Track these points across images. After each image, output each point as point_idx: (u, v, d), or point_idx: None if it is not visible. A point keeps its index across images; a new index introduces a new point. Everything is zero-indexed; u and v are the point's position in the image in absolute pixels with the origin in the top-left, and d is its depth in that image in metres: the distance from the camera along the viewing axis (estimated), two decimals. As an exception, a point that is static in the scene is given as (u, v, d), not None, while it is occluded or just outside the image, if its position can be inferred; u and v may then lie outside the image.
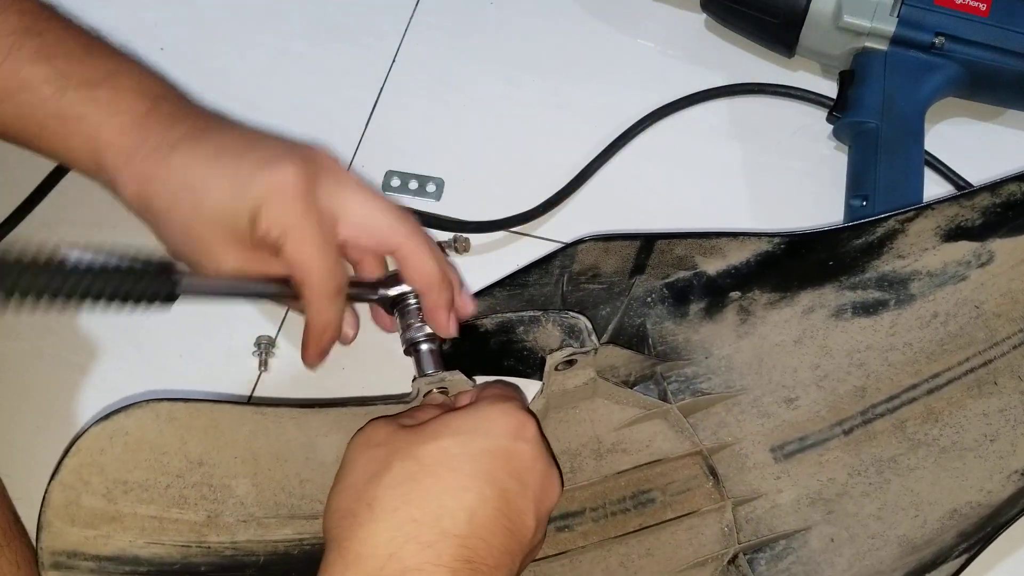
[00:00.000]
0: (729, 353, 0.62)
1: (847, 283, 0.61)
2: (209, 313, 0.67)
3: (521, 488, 0.49)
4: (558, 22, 0.80)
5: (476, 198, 0.72)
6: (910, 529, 0.58)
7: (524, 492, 0.50)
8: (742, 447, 0.61)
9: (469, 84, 0.77)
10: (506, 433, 0.50)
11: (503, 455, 0.49)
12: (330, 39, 0.78)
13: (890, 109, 0.70)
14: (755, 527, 0.60)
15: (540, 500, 0.50)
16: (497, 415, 0.51)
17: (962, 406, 0.60)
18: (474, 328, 0.61)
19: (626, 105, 0.76)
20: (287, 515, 0.56)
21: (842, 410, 0.61)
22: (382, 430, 0.51)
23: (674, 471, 0.61)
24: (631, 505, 0.60)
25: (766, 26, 0.74)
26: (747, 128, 0.76)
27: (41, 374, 0.65)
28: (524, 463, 0.50)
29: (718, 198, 0.73)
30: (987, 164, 0.74)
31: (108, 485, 0.52)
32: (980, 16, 0.70)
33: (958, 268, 0.60)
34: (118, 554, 0.53)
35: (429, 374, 0.57)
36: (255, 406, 0.56)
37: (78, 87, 0.53)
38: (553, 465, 0.52)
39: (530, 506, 0.50)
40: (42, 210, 0.70)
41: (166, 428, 0.54)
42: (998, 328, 0.60)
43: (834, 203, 0.72)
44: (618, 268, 0.60)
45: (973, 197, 0.58)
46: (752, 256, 0.60)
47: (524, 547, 0.50)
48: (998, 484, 0.57)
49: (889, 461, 0.60)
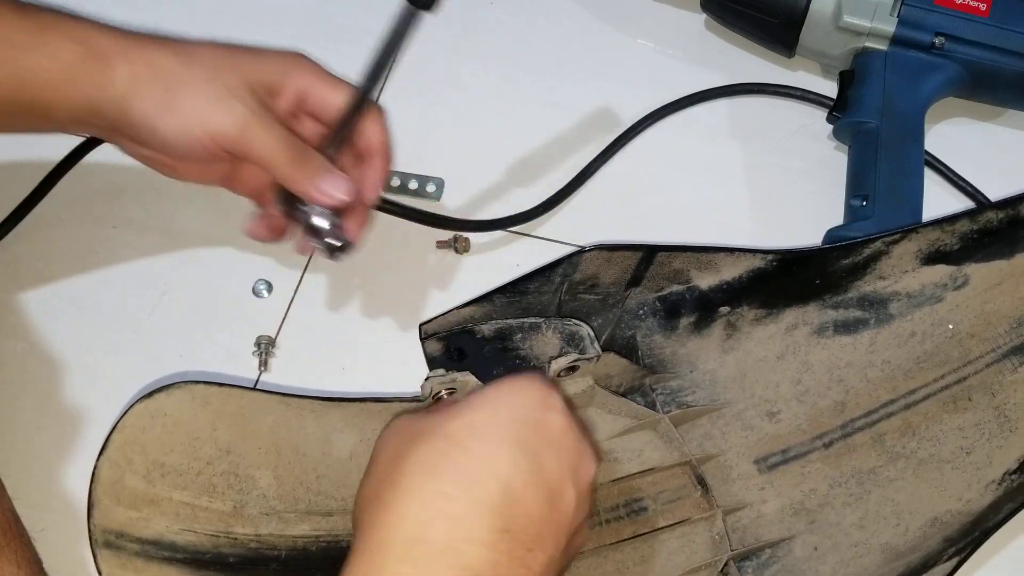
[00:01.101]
0: (714, 367, 0.63)
1: (830, 302, 0.62)
2: (209, 313, 0.68)
3: (557, 456, 0.47)
4: (558, 22, 0.80)
5: (476, 198, 0.72)
6: (893, 537, 0.59)
7: (560, 461, 0.47)
8: (727, 458, 0.63)
9: (469, 84, 0.77)
10: (534, 403, 0.48)
11: (533, 424, 0.47)
12: (330, 39, 0.78)
13: (890, 109, 0.70)
14: (741, 536, 0.61)
15: (576, 471, 0.48)
16: (522, 387, 0.49)
17: (938, 420, 0.61)
18: (471, 334, 0.61)
19: (626, 105, 0.76)
20: (304, 510, 0.57)
21: (823, 424, 0.62)
22: (406, 418, 0.50)
23: (665, 480, 0.62)
24: (624, 513, 0.61)
25: (766, 26, 0.74)
26: (747, 128, 0.76)
27: (41, 374, 0.65)
28: (555, 432, 0.48)
29: (718, 198, 0.73)
30: (987, 164, 0.74)
31: (148, 466, 0.54)
32: (980, 16, 0.70)
33: (935, 290, 0.62)
34: (157, 538, 0.54)
35: (440, 374, 0.57)
36: (280, 395, 0.57)
37: (41, 30, 0.53)
38: (584, 438, 0.49)
39: (567, 476, 0.47)
40: (42, 209, 0.70)
41: (200, 412, 0.55)
42: (972, 348, 0.62)
43: (834, 203, 0.72)
44: (616, 279, 0.60)
45: (954, 222, 0.60)
46: (745, 272, 0.61)
47: (567, 521, 0.47)
48: (976, 493, 0.59)
49: (869, 473, 0.61)
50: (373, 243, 0.70)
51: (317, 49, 0.78)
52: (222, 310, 0.68)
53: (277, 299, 0.68)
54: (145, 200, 0.71)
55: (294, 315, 0.68)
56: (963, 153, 0.74)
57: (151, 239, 0.70)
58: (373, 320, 0.68)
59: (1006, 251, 0.61)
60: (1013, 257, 0.61)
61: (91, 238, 0.70)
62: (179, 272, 0.69)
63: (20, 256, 0.69)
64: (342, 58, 0.77)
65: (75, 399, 0.65)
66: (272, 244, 0.60)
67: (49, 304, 0.67)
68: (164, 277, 0.69)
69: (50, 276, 0.68)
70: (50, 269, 0.68)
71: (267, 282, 0.69)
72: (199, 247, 0.70)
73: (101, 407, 0.63)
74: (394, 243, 0.70)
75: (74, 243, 0.70)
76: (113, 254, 0.69)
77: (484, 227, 0.70)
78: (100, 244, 0.70)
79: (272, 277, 0.69)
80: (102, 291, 0.68)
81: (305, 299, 0.69)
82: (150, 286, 0.68)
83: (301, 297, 0.69)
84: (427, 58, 0.78)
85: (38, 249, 0.69)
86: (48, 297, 0.67)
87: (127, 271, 0.69)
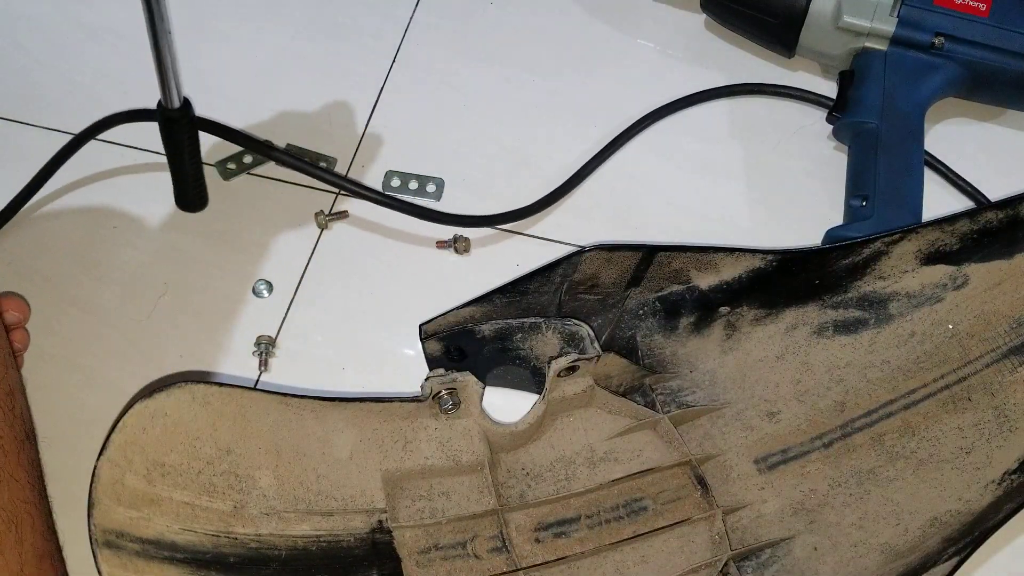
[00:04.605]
0: (713, 367, 0.64)
1: (830, 302, 0.62)
2: (209, 313, 0.68)
3: None
4: (558, 22, 0.80)
5: (476, 198, 0.72)
6: (892, 537, 0.59)
7: None
8: (726, 458, 0.63)
9: (469, 84, 0.77)
10: None
11: None
12: (330, 39, 0.79)
13: (890, 109, 0.70)
14: (741, 536, 0.61)
15: None
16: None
17: (938, 420, 0.61)
18: (471, 334, 0.61)
19: (626, 105, 0.76)
20: (305, 510, 0.58)
21: (822, 424, 0.63)
22: None
23: (664, 480, 0.62)
24: (624, 513, 0.61)
25: (766, 26, 0.74)
26: (747, 128, 0.76)
27: (41, 374, 0.65)
28: None
29: (718, 198, 0.73)
30: (987, 164, 0.74)
31: (148, 466, 0.54)
32: (980, 16, 0.70)
33: (935, 290, 0.62)
34: (157, 538, 0.54)
35: (440, 374, 0.57)
36: (280, 395, 0.57)
37: None
38: None
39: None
40: (42, 209, 0.70)
41: (200, 412, 0.55)
42: (971, 348, 0.62)
43: (834, 203, 0.72)
44: (616, 279, 0.60)
45: (954, 222, 0.60)
46: (744, 272, 0.61)
47: None
48: (976, 493, 0.59)
49: (868, 473, 0.61)
50: (373, 243, 0.70)
51: (317, 49, 0.78)
52: (222, 310, 0.68)
53: (277, 299, 0.69)
54: (145, 200, 0.71)
55: (294, 315, 0.68)
56: (963, 153, 0.74)
57: (151, 239, 0.70)
58: (373, 320, 0.68)
59: (1006, 251, 0.61)
60: (1013, 257, 0.61)
61: (91, 238, 0.70)
62: (179, 272, 0.69)
63: (20, 256, 0.69)
64: (342, 58, 0.78)
65: (75, 399, 0.65)
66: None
67: (49, 304, 0.67)
68: (164, 277, 0.69)
69: (50, 276, 0.68)
70: (50, 269, 0.69)
71: (267, 282, 0.69)
72: (199, 247, 0.70)
73: (101, 407, 0.63)
74: (394, 243, 0.70)
75: (74, 243, 0.70)
76: (113, 254, 0.69)
77: (479, 222, 0.70)
78: (100, 244, 0.70)
79: (272, 277, 0.69)
80: (102, 291, 0.68)
81: (305, 299, 0.69)
82: (150, 286, 0.68)
83: (301, 297, 0.69)
84: (427, 58, 0.78)
85: (38, 249, 0.69)
86: (48, 297, 0.67)
87: (127, 271, 0.69)
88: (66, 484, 0.59)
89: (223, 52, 0.78)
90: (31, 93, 0.75)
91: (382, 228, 0.71)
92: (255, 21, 0.79)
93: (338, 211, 0.71)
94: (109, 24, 0.79)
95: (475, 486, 0.60)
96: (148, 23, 0.56)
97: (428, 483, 0.60)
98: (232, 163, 0.72)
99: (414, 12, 0.80)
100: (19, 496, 0.54)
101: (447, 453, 0.60)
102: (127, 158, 0.73)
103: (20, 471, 0.55)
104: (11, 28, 0.79)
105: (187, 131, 0.63)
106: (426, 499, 0.60)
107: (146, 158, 0.73)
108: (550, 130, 0.75)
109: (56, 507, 0.58)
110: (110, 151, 0.73)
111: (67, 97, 0.75)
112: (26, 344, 0.64)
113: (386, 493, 0.59)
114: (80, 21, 0.79)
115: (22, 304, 0.65)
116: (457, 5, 0.80)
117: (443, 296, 0.66)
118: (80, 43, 0.78)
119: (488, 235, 0.71)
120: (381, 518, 0.59)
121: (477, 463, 0.60)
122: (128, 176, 0.72)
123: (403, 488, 0.60)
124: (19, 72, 0.77)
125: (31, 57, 0.77)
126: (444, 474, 0.60)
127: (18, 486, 0.54)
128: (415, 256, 0.70)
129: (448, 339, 0.62)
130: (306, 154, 0.73)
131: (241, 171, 0.72)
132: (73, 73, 0.76)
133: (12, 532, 0.53)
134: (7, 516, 0.52)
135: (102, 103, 0.72)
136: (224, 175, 0.72)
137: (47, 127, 0.74)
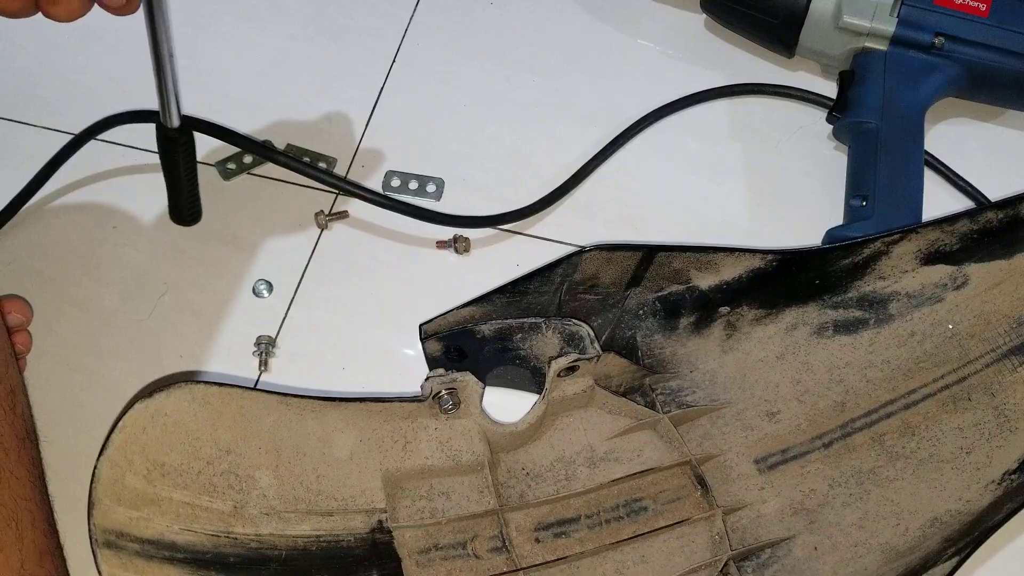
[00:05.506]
0: (713, 367, 0.64)
1: (830, 302, 0.63)
2: (209, 313, 0.68)
3: None
4: (558, 22, 0.80)
5: (476, 198, 0.72)
6: (892, 537, 0.59)
7: None
8: (727, 458, 0.63)
9: (469, 84, 0.77)
10: None
11: None
12: (330, 39, 0.79)
13: (890, 109, 0.70)
14: (741, 536, 0.61)
15: None
16: None
17: (938, 420, 0.61)
18: (472, 334, 0.61)
19: (626, 105, 0.76)
20: (305, 510, 0.58)
21: (822, 424, 0.63)
22: None
23: (664, 480, 0.62)
24: (624, 513, 0.61)
25: (766, 26, 0.74)
26: (747, 128, 0.76)
27: (42, 374, 0.65)
28: None
29: (718, 198, 0.73)
30: (987, 164, 0.74)
31: (148, 466, 0.54)
32: (980, 16, 0.70)
33: (935, 290, 0.62)
34: (157, 538, 0.54)
35: (440, 374, 0.57)
36: (280, 395, 0.57)
37: None
38: None
39: None
40: (42, 209, 0.70)
41: (200, 412, 0.55)
42: (971, 348, 0.62)
43: (834, 203, 0.72)
44: (616, 279, 0.60)
45: (954, 222, 0.60)
46: (744, 272, 0.61)
47: None
48: (976, 493, 0.59)
49: (868, 473, 0.61)
50: (373, 243, 0.70)
51: (317, 49, 0.78)
52: (222, 310, 0.68)
53: (277, 299, 0.69)
54: (145, 200, 0.71)
55: (294, 315, 0.68)
56: (963, 153, 0.74)
57: (151, 239, 0.70)
58: (373, 320, 0.68)
59: (1006, 251, 0.61)
60: (1013, 257, 0.61)
61: (91, 238, 0.70)
62: (179, 272, 0.69)
63: (20, 256, 0.69)
64: (342, 58, 0.78)
65: (75, 399, 0.65)
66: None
67: (49, 304, 0.67)
68: (164, 277, 0.69)
69: (50, 276, 0.68)
70: (50, 269, 0.68)
71: (267, 282, 0.69)
72: (199, 247, 0.70)
73: (101, 407, 0.63)
74: (394, 243, 0.70)
75: (74, 243, 0.70)
76: (113, 254, 0.69)
77: (482, 223, 0.70)
78: (100, 244, 0.70)
79: (272, 277, 0.69)
80: (102, 291, 0.68)
81: (305, 299, 0.69)
82: (150, 286, 0.68)
83: (301, 297, 0.69)
84: (427, 58, 0.78)
85: (38, 249, 0.69)
86: (48, 297, 0.67)
87: (127, 271, 0.69)
88: (66, 484, 0.59)
89: (223, 52, 0.78)
90: (31, 93, 0.75)
91: (382, 228, 0.71)
92: (255, 21, 0.79)
93: (338, 211, 0.71)
94: (109, 24, 0.79)
95: (475, 486, 0.60)
96: (152, 47, 0.56)
97: (428, 483, 0.60)
98: (232, 163, 0.72)
99: (414, 12, 0.80)
100: (20, 493, 0.54)
101: (447, 453, 0.60)
102: (127, 158, 0.73)
103: (21, 469, 0.55)
104: (11, 28, 0.78)
105: (184, 151, 0.63)
106: (426, 499, 0.60)
107: (147, 158, 0.73)
108: (550, 130, 0.75)
109: (56, 507, 0.58)
110: (110, 151, 0.73)
111: (67, 97, 0.75)
112: (29, 347, 0.64)
113: (386, 493, 0.59)
114: (80, 21, 0.79)
115: (25, 307, 0.64)
116: (457, 5, 0.80)
117: (443, 296, 0.66)
118: (80, 43, 0.78)
119: (488, 235, 0.71)
120: (381, 518, 0.59)
121: (477, 463, 0.60)
122: (128, 176, 0.72)
123: (403, 488, 0.60)
124: (19, 72, 0.77)
125: (31, 57, 0.77)
126: (444, 474, 0.60)
127: (19, 484, 0.54)
128: (415, 256, 0.70)
129: (448, 339, 0.62)
130: (306, 154, 0.73)
131: (241, 171, 0.72)
132: (73, 73, 0.76)
133: (12, 529, 0.53)
134: (7, 513, 0.52)
135: (102, 103, 0.72)
136: (224, 175, 0.72)
137: (47, 127, 0.74)
